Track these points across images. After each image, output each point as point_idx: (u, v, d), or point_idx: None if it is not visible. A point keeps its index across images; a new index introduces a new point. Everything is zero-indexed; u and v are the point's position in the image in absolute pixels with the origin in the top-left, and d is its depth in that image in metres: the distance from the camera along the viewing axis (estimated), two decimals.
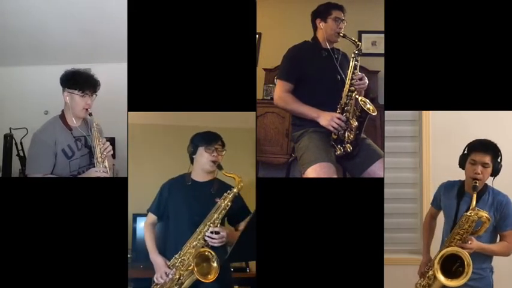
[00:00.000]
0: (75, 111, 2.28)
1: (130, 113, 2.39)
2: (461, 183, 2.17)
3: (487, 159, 2.06)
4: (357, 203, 2.34)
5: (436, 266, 2.03)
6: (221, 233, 2.15)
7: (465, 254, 1.99)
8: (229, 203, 2.18)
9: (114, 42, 2.84)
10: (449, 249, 2.04)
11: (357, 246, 2.34)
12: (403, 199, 2.70)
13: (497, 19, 2.33)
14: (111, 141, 2.39)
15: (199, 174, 2.29)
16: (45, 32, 3.23)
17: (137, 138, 2.54)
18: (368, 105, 2.26)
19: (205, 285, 2.14)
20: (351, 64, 2.33)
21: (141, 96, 2.38)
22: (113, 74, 2.38)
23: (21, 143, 3.10)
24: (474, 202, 2.01)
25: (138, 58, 2.37)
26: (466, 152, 2.13)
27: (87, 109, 2.28)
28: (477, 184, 2.03)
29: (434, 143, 2.73)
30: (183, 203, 2.24)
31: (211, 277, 2.11)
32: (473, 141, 2.13)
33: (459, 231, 2.04)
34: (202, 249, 2.14)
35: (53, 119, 2.33)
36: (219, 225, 2.17)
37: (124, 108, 2.38)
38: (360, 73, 2.35)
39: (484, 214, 2.00)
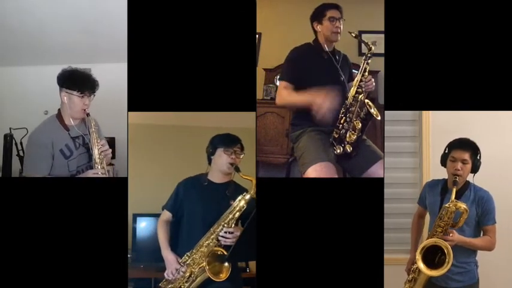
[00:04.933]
0: (73, 112, 2.26)
1: (131, 113, 2.39)
2: (444, 181, 2.26)
3: (466, 156, 2.15)
4: (357, 203, 2.34)
5: (418, 257, 2.10)
6: (235, 233, 2.17)
7: (444, 244, 2.07)
8: (244, 205, 2.20)
9: (114, 42, 2.84)
10: (429, 240, 2.11)
11: (357, 246, 2.34)
12: (403, 199, 2.70)
13: (497, 19, 2.33)
14: (111, 141, 2.39)
15: (216, 176, 2.30)
16: (45, 32, 3.23)
17: (137, 138, 2.54)
18: (373, 110, 2.26)
19: (215, 284, 2.15)
20: (362, 67, 2.32)
21: (141, 96, 2.38)
22: (113, 74, 2.38)
23: (21, 143, 3.10)
24: (453, 195, 2.10)
25: (138, 58, 2.37)
26: (446, 151, 2.23)
27: (85, 110, 2.26)
28: (457, 180, 2.13)
29: (434, 143, 2.73)
30: (198, 203, 2.26)
31: (223, 276, 2.14)
32: (453, 140, 2.22)
33: (440, 224, 2.12)
34: (215, 248, 2.17)
35: (49, 118, 2.31)
36: (233, 225, 2.20)
37: (124, 108, 2.38)
38: (368, 75, 2.34)
39: (461, 205, 2.09)
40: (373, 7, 2.54)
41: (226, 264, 2.16)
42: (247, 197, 2.21)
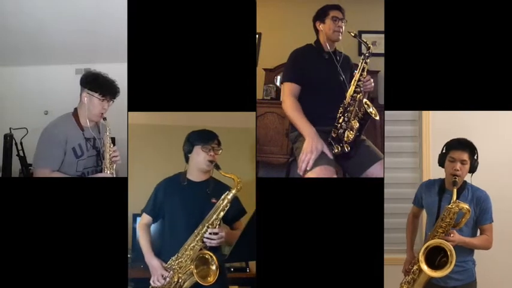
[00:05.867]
0: (91, 114, 2.30)
1: (131, 113, 2.39)
2: (441, 181, 2.26)
3: (465, 156, 2.16)
4: (357, 203, 2.34)
5: (421, 258, 2.11)
6: (220, 234, 2.13)
7: (447, 245, 2.07)
8: (228, 204, 2.15)
9: (114, 42, 2.84)
10: (432, 241, 2.12)
11: (357, 246, 2.34)
12: (403, 199, 2.70)
13: (497, 19, 2.34)
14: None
15: (195, 174, 2.26)
16: (45, 32, 3.24)
17: (137, 138, 2.54)
18: (371, 109, 2.25)
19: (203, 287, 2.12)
20: (360, 66, 2.31)
21: (141, 96, 2.38)
22: (113, 74, 2.38)
23: (21, 143, 3.10)
24: (455, 196, 2.10)
25: (138, 58, 2.37)
26: (444, 151, 2.23)
27: (102, 113, 2.30)
28: (457, 180, 2.13)
29: (434, 143, 2.73)
30: (179, 204, 2.21)
31: (211, 280, 2.09)
32: (451, 140, 2.22)
33: (442, 224, 2.12)
34: (202, 252, 2.12)
35: (66, 116, 2.33)
36: (217, 226, 2.16)
37: (124, 108, 2.38)
38: (367, 75, 2.33)
39: (464, 206, 2.09)
40: (373, 7, 2.55)
41: (213, 267, 2.10)
42: (230, 196, 2.15)
